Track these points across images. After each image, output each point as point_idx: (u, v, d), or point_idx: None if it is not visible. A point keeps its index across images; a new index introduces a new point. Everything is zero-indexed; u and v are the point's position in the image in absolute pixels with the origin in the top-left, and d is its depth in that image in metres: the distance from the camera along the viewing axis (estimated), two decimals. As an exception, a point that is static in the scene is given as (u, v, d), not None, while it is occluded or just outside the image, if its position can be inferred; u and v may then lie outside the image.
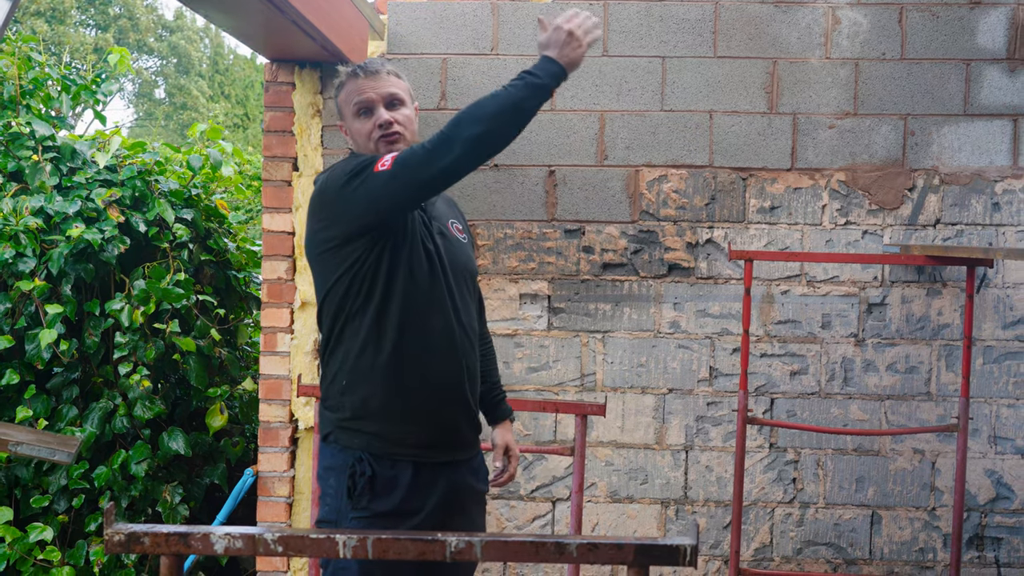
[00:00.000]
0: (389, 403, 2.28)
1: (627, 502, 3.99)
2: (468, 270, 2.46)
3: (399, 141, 2.39)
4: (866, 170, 3.94)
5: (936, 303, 3.94)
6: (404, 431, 2.28)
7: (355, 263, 2.26)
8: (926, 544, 3.97)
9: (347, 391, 2.30)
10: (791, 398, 3.96)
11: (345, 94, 2.44)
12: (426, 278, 2.30)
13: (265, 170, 3.88)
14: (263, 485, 3.87)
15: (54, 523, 3.84)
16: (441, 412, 2.33)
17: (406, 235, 2.30)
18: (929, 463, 3.97)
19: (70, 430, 3.78)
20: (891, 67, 3.93)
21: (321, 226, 2.31)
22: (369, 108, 2.40)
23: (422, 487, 2.28)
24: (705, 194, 3.95)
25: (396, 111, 2.41)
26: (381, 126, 2.37)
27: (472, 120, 2.14)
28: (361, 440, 2.28)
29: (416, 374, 2.29)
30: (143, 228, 3.93)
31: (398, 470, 2.26)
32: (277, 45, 3.63)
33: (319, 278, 2.37)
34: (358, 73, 2.42)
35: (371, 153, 2.37)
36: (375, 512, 2.24)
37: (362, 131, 2.40)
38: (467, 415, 2.40)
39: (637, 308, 3.97)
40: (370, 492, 2.24)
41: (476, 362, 2.45)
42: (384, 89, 2.40)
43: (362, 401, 2.28)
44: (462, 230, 2.54)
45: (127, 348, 3.80)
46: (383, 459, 2.26)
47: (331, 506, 2.29)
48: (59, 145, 4.00)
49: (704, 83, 3.95)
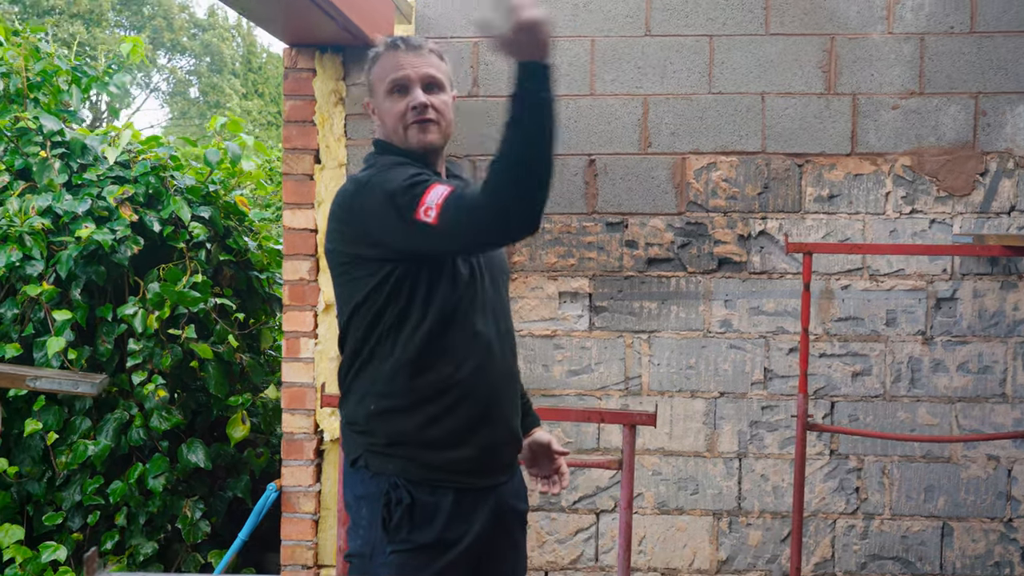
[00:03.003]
0: (426, 428, 1.96)
1: (676, 514, 3.63)
2: (503, 269, 2.16)
3: (432, 130, 2.04)
4: (933, 154, 3.54)
5: (1012, 297, 3.54)
6: (443, 456, 1.97)
7: (389, 276, 1.94)
8: (1002, 558, 3.58)
9: (379, 416, 1.98)
10: (853, 401, 3.58)
11: (380, 68, 2.07)
12: (466, 286, 1.98)
13: (285, 163, 3.53)
14: (287, 501, 3.53)
15: (68, 541, 3.53)
16: (483, 433, 2.02)
17: None
18: (1005, 470, 3.57)
19: (83, 443, 3.47)
20: (960, 42, 3.53)
21: (349, 239, 1.97)
22: (405, 86, 2.03)
23: (465, 514, 1.97)
24: (757, 183, 3.57)
25: (434, 95, 2.04)
26: (415, 108, 2.01)
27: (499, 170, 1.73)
28: (396, 465, 1.96)
29: (454, 394, 1.98)
30: (158, 227, 3.59)
31: (438, 496, 1.95)
32: (296, 28, 3.29)
33: (344, 289, 2.02)
34: (398, 45, 2.05)
35: (400, 140, 2.03)
36: (417, 544, 1.93)
37: (393, 111, 2.04)
38: (510, 433, 2.09)
39: (685, 306, 3.60)
40: (409, 522, 1.93)
41: (517, 372, 2.16)
42: (424, 69, 2.04)
43: (396, 426, 1.97)
44: None
45: (141, 356, 3.47)
46: (421, 485, 1.95)
47: (364, 539, 1.98)
48: (68, 141, 3.66)
49: (755, 63, 3.56)
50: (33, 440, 3.54)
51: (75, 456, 3.47)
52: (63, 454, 3.51)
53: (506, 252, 2.18)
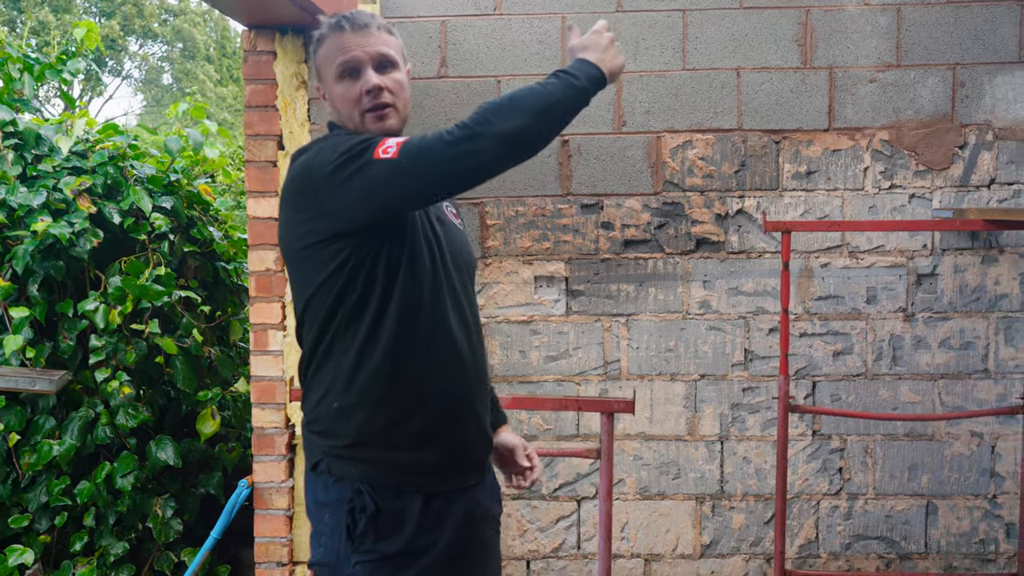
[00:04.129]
0: (391, 426, 1.82)
1: (658, 499, 3.53)
2: (469, 260, 2.01)
3: (390, 115, 1.90)
4: (912, 127, 3.43)
5: (992, 271, 3.45)
6: (409, 458, 1.83)
7: (344, 263, 1.78)
8: (987, 535, 3.50)
9: (340, 415, 1.84)
10: (835, 380, 3.48)
11: (326, 51, 1.92)
12: (428, 276, 1.84)
13: (247, 150, 3.37)
14: (259, 497, 3.40)
15: (35, 544, 3.38)
16: (451, 431, 1.88)
17: (406, 227, 1.82)
18: (988, 447, 3.49)
19: (47, 443, 3.32)
20: (937, 12, 3.41)
21: (301, 217, 1.80)
22: (356, 69, 1.88)
23: (434, 520, 1.83)
24: (734, 160, 3.45)
25: (387, 74, 1.89)
26: (370, 92, 1.87)
27: (506, 113, 1.66)
28: (359, 469, 1.82)
29: (421, 390, 1.84)
30: (118, 219, 3.41)
31: (404, 502, 1.81)
32: (254, 9, 3.11)
33: (299, 279, 1.87)
34: (343, 26, 1.89)
35: (355, 126, 1.89)
36: (382, 554, 1.79)
37: (346, 97, 1.89)
38: (479, 431, 1.96)
39: (663, 288, 3.48)
40: (374, 532, 1.80)
41: (486, 366, 2.01)
42: (374, 47, 1.88)
43: (359, 426, 1.82)
44: (456, 214, 2.07)
45: (104, 352, 3.31)
46: (387, 491, 1.81)
47: (327, 547, 1.84)
48: (22, 131, 3.48)
49: (730, 38, 3.43)
50: (-5, 441, 3.39)
51: (39, 456, 3.32)
52: (27, 455, 3.35)
53: (474, 242, 2.04)
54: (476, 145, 1.65)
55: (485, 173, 1.69)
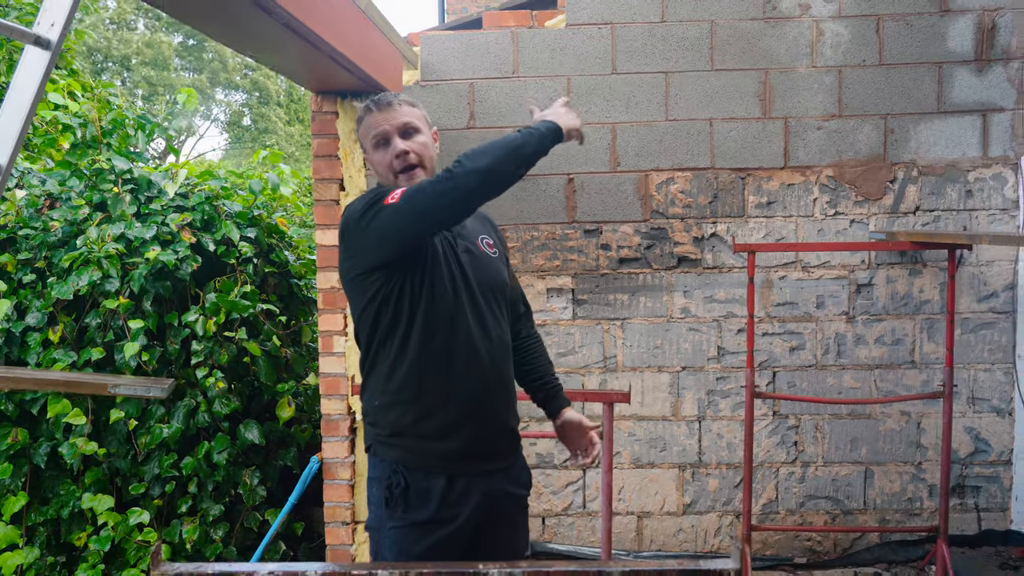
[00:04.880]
0: (418, 421, 1.83)
1: (648, 467, 3.53)
2: (495, 284, 1.95)
3: (418, 173, 1.90)
4: (851, 165, 3.41)
5: (918, 282, 3.43)
6: (436, 446, 1.83)
7: (378, 292, 1.80)
8: (914, 495, 3.49)
9: (381, 410, 1.86)
10: (791, 371, 3.47)
11: (364, 129, 1.94)
12: (449, 300, 1.82)
13: (315, 191, 3.38)
14: (327, 470, 3.41)
15: (150, 507, 3.40)
16: (469, 427, 1.85)
17: (426, 261, 1.82)
18: (915, 423, 3.47)
19: (159, 427, 3.34)
20: (871, 72, 3.39)
21: (345, 255, 1.85)
22: (386, 139, 1.91)
23: (456, 497, 1.83)
24: (708, 193, 3.45)
25: (411, 139, 1.91)
26: (398, 156, 1.89)
27: (477, 157, 1.68)
28: (396, 453, 1.84)
29: (440, 395, 1.83)
30: (212, 247, 3.43)
31: (431, 481, 1.82)
32: (319, 79, 3.12)
33: (352, 303, 1.89)
34: (371, 108, 1.93)
35: (392, 183, 1.90)
36: (411, 521, 1.81)
37: (382, 162, 1.92)
38: (498, 427, 1.91)
39: (651, 297, 3.48)
40: (404, 503, 1.81)
41: (508, 372, 1.95)
42: (398, 120, 1.91)
43: (393, 421, 1.84)
44: (493, 244, 2.01)
45: (203, 354, 3.32)
46: (417, 471, 1.82)
47: (374, 514, 1.87)
48: (137, 177, 3.49)
49: (704, 94, 3.42)
50: (118, 426, 3.40)
51: (153, 438, 3.34)
52: (143, 436, 3.37)
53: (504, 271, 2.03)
54: (455, 183, 1.66)
55: (466, 204, 1.70)
